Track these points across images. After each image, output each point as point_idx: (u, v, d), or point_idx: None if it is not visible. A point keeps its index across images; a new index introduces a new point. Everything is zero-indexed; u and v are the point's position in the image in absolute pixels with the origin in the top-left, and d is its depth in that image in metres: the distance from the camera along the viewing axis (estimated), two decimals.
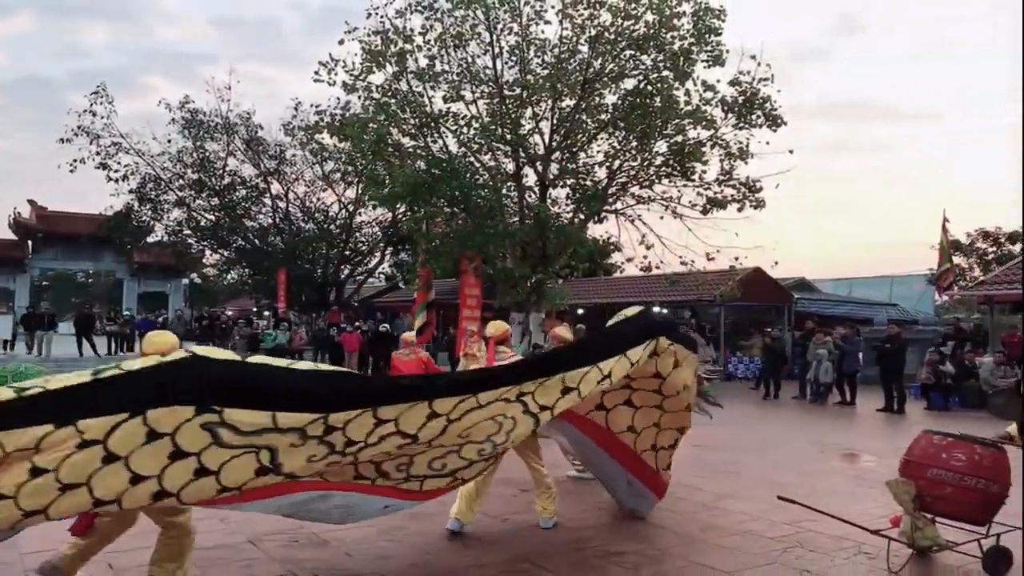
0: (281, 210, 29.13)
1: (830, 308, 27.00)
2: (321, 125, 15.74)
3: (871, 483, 7.41)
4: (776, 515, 6.18)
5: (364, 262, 31.04)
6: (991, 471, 4.99)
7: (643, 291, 24.87)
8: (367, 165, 17.64)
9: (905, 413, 14.41)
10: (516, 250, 16.42)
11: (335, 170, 26.22)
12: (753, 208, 15.48)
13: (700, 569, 5.04)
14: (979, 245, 31.64)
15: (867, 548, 5.38)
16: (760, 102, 14.73)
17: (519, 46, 15.56)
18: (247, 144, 27.44)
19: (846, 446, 10.64)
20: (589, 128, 15.86)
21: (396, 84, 15.42)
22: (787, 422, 13.69)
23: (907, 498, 5.00)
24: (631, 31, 14.59)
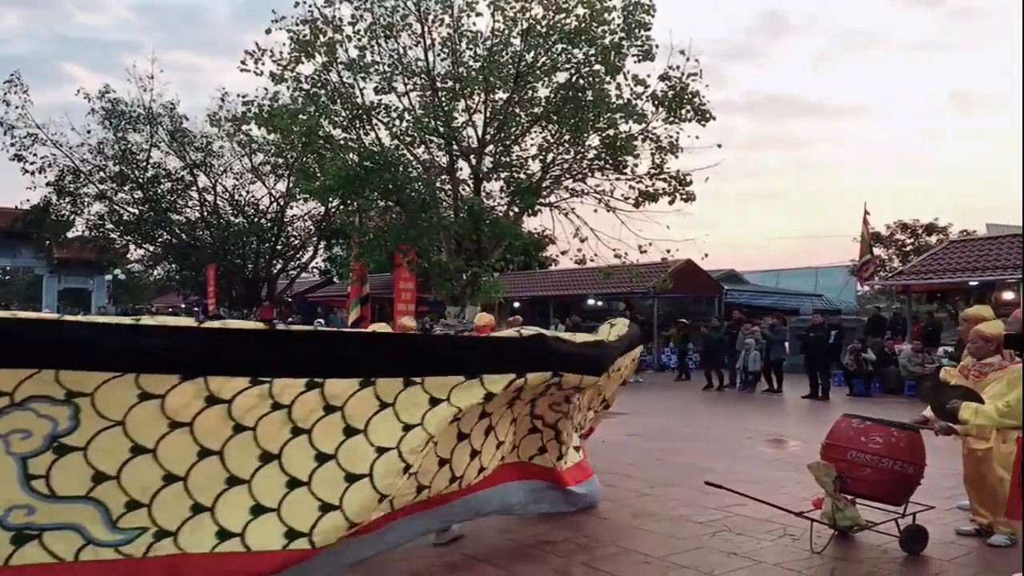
0: (209, 203, 28.40)
1: (758, 299, 27.74)
2: (248, 116, 15.31)
3: (796, 467, 7.63)
4: (706, 500, 6.31)
5: (297, 256, 30.52)
6: (907, 453, 5.20)
7: (578, 284, 25.12)
8: (297, 157, 17.31)
9: (829, 400, 14.91)
10: (451, 243, 16.35)
11: (265, 162, 25.68)
12: (683, 201, 15.73)
13: (631, 555, 5.11)
14: (898, 237, 32.88)
15: (792, 530, 5.54)
16: (689, 97, 14.96)
17: (451, 38, 15.46)
18: (171, 135, 26.64)
19: (773, 432, 10.95)
20: (522, 121, 15.87)
21: (326, 75, 15.14)
22: (717, 410, 14.02)
23: (828, 480, 5.16)
24: (562, 24, 14.64)
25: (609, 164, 15.52)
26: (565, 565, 4.92)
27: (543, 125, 15.77)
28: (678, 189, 15.63)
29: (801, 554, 5.11)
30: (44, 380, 3.19)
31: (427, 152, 16.16)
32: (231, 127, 17.86)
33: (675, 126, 15.32)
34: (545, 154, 16.03)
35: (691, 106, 15.02)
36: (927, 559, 5.05)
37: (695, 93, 14.98)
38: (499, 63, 14.78)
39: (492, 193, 17.08)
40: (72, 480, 3.23)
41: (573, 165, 16.04)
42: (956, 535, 5.55)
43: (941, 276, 17.98)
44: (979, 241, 19.75)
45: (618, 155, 15.25)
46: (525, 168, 16.46)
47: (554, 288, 26.75)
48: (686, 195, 15.67)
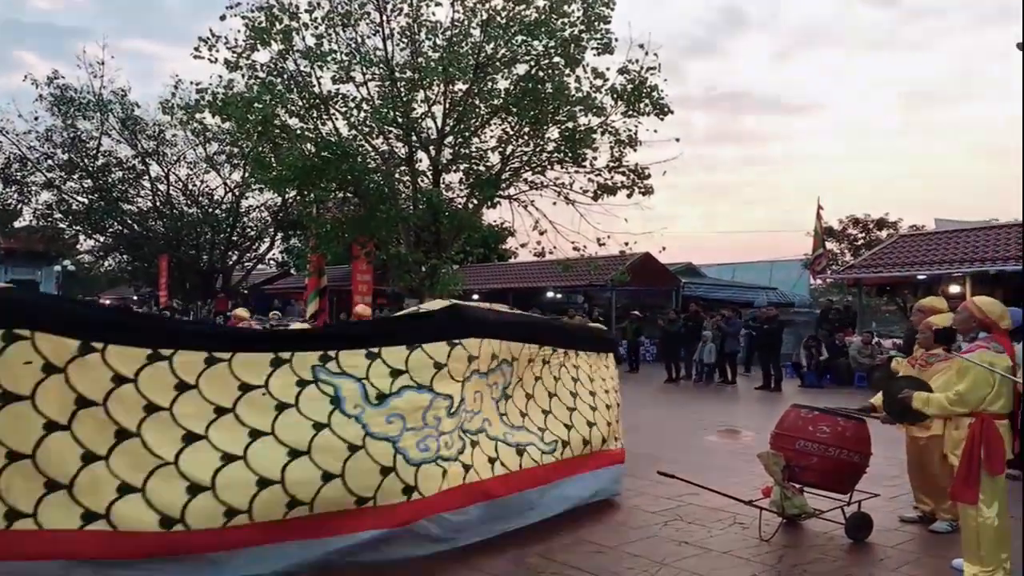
0: (161, 193, 27.83)
1: (715, 292, 28.07)
2: (202, 104, 15.03)
3: (747, 457, 7.74)
4: (659, 490, 6.37)
5: (253, 248, 30.07)
6: (853, 442, 5.31)
7: (537, 276, 25.17)
8: (253, 147, 17.05)
9: (782, 391, 15.16)
10: (409, 235, 16.27)
11: (219, 152, 25.25)
12: (642, 194, 15.88)
13: (585, 545, 5.15)
14: (850, 231, 33.59)
15: (742, 518, 5.63)
16: (648, 91, 15.07)
17: (410, 28, 15.35)
18: (123, 123, 26.02)
19: (726, 423, 11.11)
20: (482, 113, 15.84)
21: (282, 63, 14.94)
22: (671, 402, 14.16)
23: (776, 469, 5.25)
24: (522, 16, 14.63)
25: (568, 157, 15.58)
26: (520, 555, 4.93)
27: (503, 117, 15.75)
28: (636, 182, 15.77)
29: (750, 542, 5.20)
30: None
31: (386, 143, 16.04)
32: (184, 115, 17.52)
33: (634, 120, 15.43)
34: (504, 146, 16.03)
35: (649, 100, 15.14)
36: (871, 545, 5.18)
37: (653, 87, 15.11)
38: (459, 54, 14.72)
39: (451, 185, 17.06)
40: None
41: (532, 157, 16.07)
42: (900, 522, 5.70)
43: (890, 270, 18.40)
44: (927, 236, 20.26)
45: (577, 148, 15.31)
46: (484, 160, 16.45)
47: (513, 281, 26.78)
48: (644, 188, 15.82)
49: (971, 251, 17.13)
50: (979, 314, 4.60)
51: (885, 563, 4.87)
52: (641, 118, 15.42)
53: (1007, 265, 15.77)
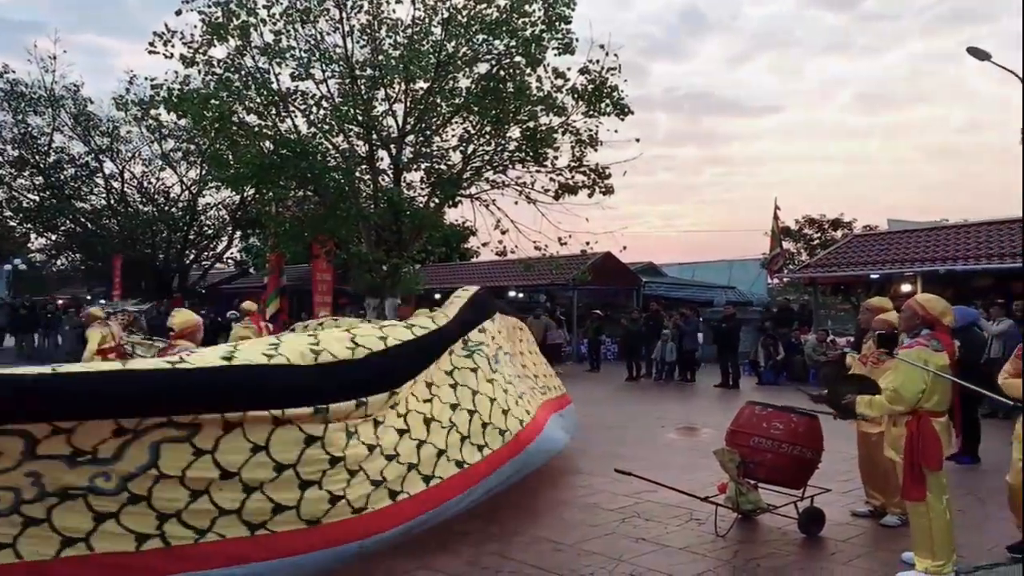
0: (116, 191, 27.23)
1: (675, 291, 28.38)
2: (157, 100, 14.72)
3: (704, 454, 7.84)
4: (617, 488, 6.42)
5: (210, 246, 29.59)
6: (806, 438, 5.41)
7: (499, 276, 25.17)
8: (210, 144, 16.75)
9: (740, 388, 15.38)
10: (370, 234, 16.11)
11: (176, 149, 24.80)
12: (602, 194, 15.93)
13: (543, 543, 5.17)
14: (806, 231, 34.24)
15: (698, 515, 5.70)
16: (608, 91, 15.14)
17: (370, 25, 15.22)
18: (75, 119, 25.41)
19: (685, 420, 11.24)
20: (443, 112, 15.75)
21: (239, 59, 14.69)
22: (631, 400, 14.28)
23: (732, 466, 5.33)
24: (483, 15, 14.59)
25: (530, 156, 15.57)
26: (477, 555, 4.93)
27: (464, 116, 15.69)
28: (597, 182, 15.83)
29: (706, 538, 5.27)
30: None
31: (346, 141, 15.88)
32: (139, 111, 17.15)
33: (594, 119, 15.48)
34: (466, 145, 15.97)
35: (610, 100, 15.20)
36: (824, 540, 5.28)
37: (614, 87, 15.17)
38: (419, 52, 14.62)
39: (412, 184, 16.94)
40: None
41: (494, 157, 16.04)
42: (851, 516, 5.82)
43: (844, 269, 18.77)
44: (880, 236, 20.72)
45: (538, 147, 15.32)
46: (446, 159, 16.38)
47: (475, 280, 26.68)
48: (605, 188, 15.89)
49: (922, 251, 17.56)
50: (922, 311, 4.71)
51: (837, 556, 4.97)
52: (602, 118, 15.47)
53: (956, 265, 16.19)
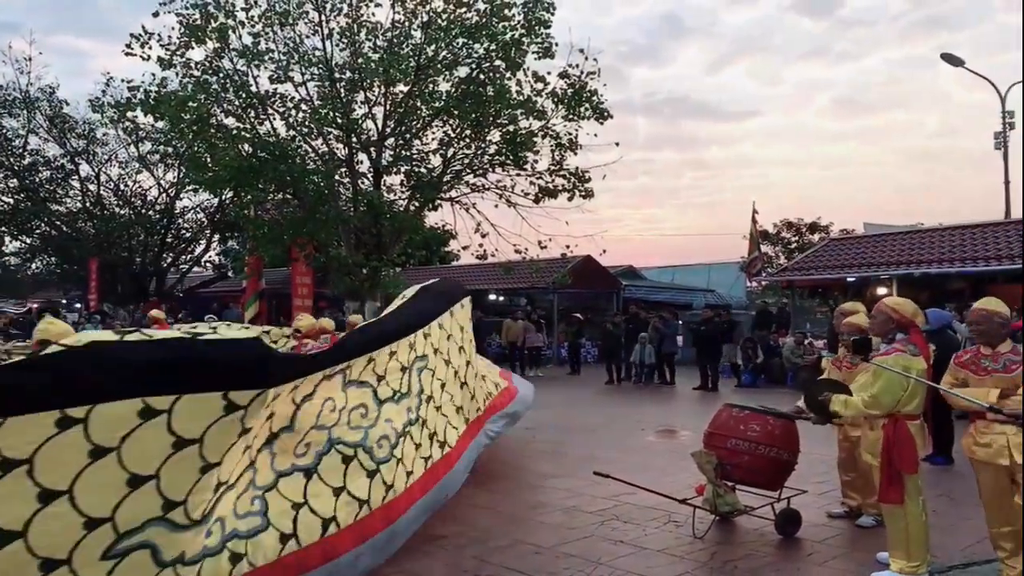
0: (92, 194, 26.91)
1: (655, 294, 28.47)
2: (134, 102, 14.61)
3: (682, 456, 7.88)
4: (597, 491, 6.44)
5: (188, 250, 29.30)
6: (782, 440, 5.45)
7: (479, 279, 25.13)
8: (188, 146, 16.64)
9: (719, 391, 15.46)
10: (350, 237, 16.08)
11: (153, 151, 24.53)
12: (583, 198, 16.01)
13: (522, 546, 5.17)
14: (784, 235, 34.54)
15: (676, 517, 5.73)
16: (588, 95, 15.22)
17: (350, 28, 15.20)
18: (51, 121, 25.10)
19: (663, 423, 11.28)
20: (423, 115, 15.76)
21: (218, 61, 14.63)
22: (611, 403, 14.30)
23: (709, 468, 5.36)
24: (463, 19, 14.64)
25: (510, 160, 15.62)
26: (456, 559, 4.93)
27: (444, 119, 15.71)
28: (577, 186, 15.90)
29: (684, 540, 5.29)
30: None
31: (325, 144, 15.84)
32: (115, 113, 16.99)
33: (574, 123, 15.56)
34: (446, 148, 15.99)
35: (589, 104, 15.28)
36: (800, 541, 5.32)
37: (593, 91, 15.25)
38: (399, 55, 14.63)
39: (393, 187, 16.92)
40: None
41: (474, 160, 16.06)
42: (828, 517, 5.87)
43: (822, 272, 18.94)
44: (857, 239, 20.93)
45: (518, 151, 15.37)
46: (426, 162, 16.38)
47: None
48: (585, 191, 15.96)
49: (897, 254, 17.76)
50: (895, 315, 4.76)
51: (813, 557, 5.01)
52: (581, 122, 15.56)
53: (931, 268, 16.40)
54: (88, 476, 2.98)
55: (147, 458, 3.15)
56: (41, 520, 2.87)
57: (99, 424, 3.01)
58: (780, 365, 16.59)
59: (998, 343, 4.33)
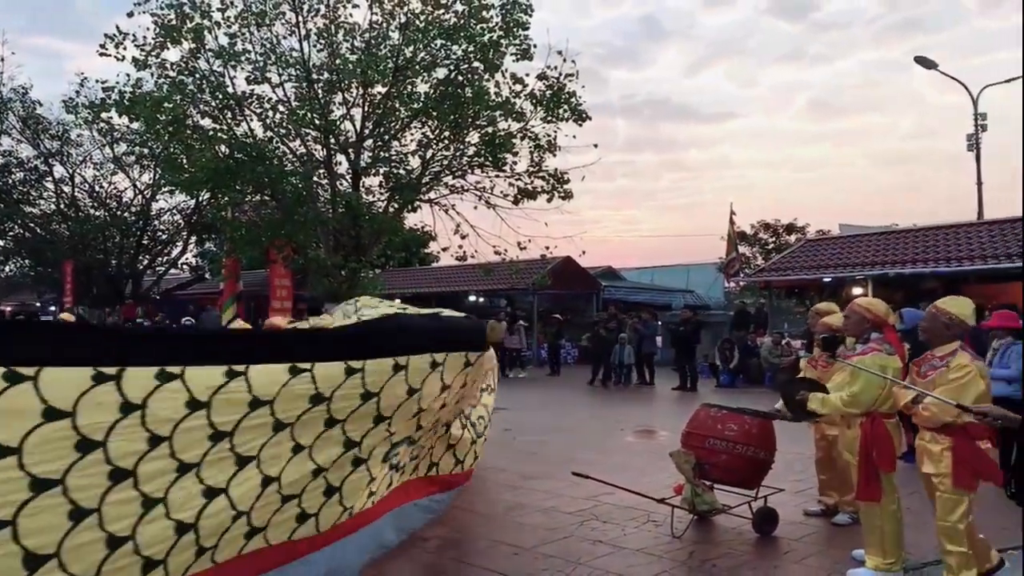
0: (66, 195, 26.59)
1: (634, 295, 28.63)
2: (108, 103, 14.43)
3: (661, 456, 7.92)
4: (576, 491, 6.46)
5: (165, 252, 29.03)
6: (759, 439, 5.50)
7: (459, 280, 25.15)
8: (164, 148, 16.47)
9: (697, 391, 15.57)
10: (328, 239, 15.97)
11: (128, 152, 24.27)
12: (562, 199, 15.99)
13: (501, 547, 5.17)
14: (761, 236, 34.82)
15: (655, 516, 5.76)
16: (566, 97, 15.22)
17: (327, 29, 15.11)
18: (24, 122, 24.78)
19: (643, 423, 11.33)
20: (402, 116, 15.70)
21: (193, 62, 14.47)
22: (590, 403, 14.36)
23: (687, 467, 5.40)
24: (441, 20, 14.60)
25: (488, 161, 15.57)
26: (436, 560, 4.92)
27: (423, 121, 15.65)
28: (556, 187, 15.89)
29: (663, 539, 5.32)
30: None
31: (303, 145, 15.73)
32: (89, 114, 16.77)
33: (553, 125, 15.55)
34: (425, 150, 15.93)
35: (568, 106, 15.28)
36: (777, 539, 5.37)
37: (572, 93, 15.26)
38: (377, 56, 14.56)
39: (371, 188, 16.82)
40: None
41: (453, 162, 16.01)
42: (804, 515, 5.93)
43: (798, 273, 19.12)
44: (832, 240, 21.15)
45: (497, 152, 15.33)
46: (404, 164, 16.30)
47: (436, 285, 26.67)
48: (564, 193, 15.95)
49: (872, 255, 17.97)
50: (868, 315, 4.82)
51: (790, 555, 5.06)
52: (560, 124, 15.56)
53: (905, 268, 16.60)
54: (404, 407, 4.25)
55: (432, 395, 4.44)
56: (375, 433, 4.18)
57: (412, 371, 4.21)
58: (758, 365, 16.72)
59: (939, 344, 4.23)
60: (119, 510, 2.99)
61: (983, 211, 23.68)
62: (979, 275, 15.68)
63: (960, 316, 4.21)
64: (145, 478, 3.08)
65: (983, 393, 4.00)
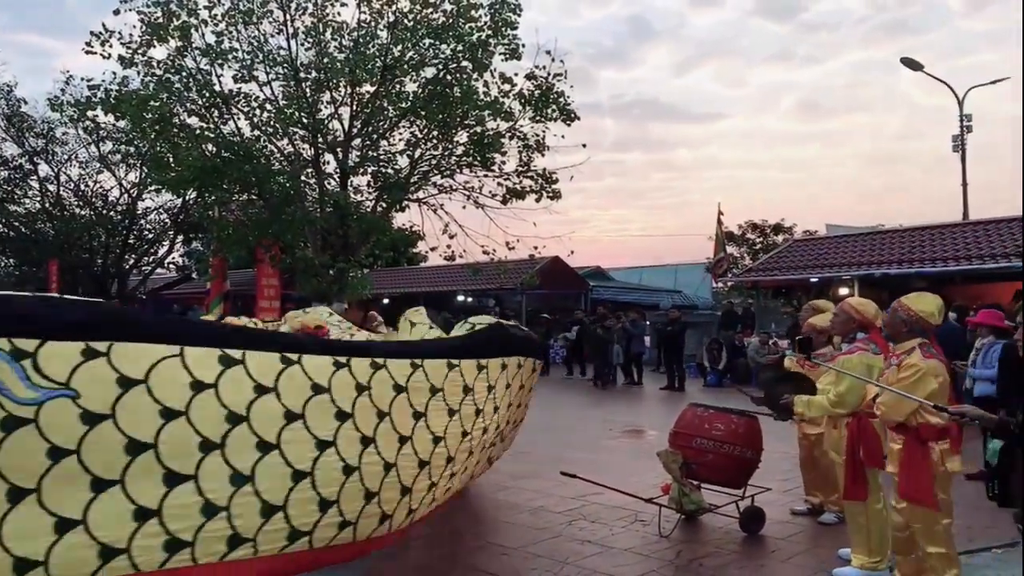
0: (51, 194, 26.37)
1: (623, 295, 28.70)
2: (94, 101, 14.35)
3: (649, 455, 7.94)
4: (564, 491, 6.46)
5: (151, 251, 28.84)
6: (746, 438, 5.53)
7: (447, 280, 25.15)
8: (150, 146, 16.38)
9: (685, 390, 15.61)
10: (316, 238, 15.93)
11: (114, 151, 24.11)
12: (550, 199, 16.02)
13: (491, 547, 5.18)
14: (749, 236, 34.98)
15: (642, 516, 5.77)
16: (555, 96, 15.25)
17: (315, 27, 15.07)
18: (8, 120, 24.57)
19: (631, 423, 11.36)
20: (390, 115, 15.68)
21: (180, 60, 14.40)
22: (579, 403, 14.38)
23: (675, 467, 5.41)
24: (429, 19, 14.59)
25: (477, 161, 15.58)
26: (424, 560, 4.92)
27: (411, 120, 15.64)
28: (545, 187, 15.91)
29: (650, 538, 5.34)
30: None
31: (291, 144, 15.68)
32: (75, 112, 16.66)
33: (541, 125, 15.58)
34: (413, 149, 15.92)
35: (556, 105, 15.31)
36: (764, 538, 5.40)
37: (560, 93, 15.29)
38: (365, 55, 14.54)
39: (359, 188, 16.79)
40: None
41: (441, 161, 16.01)
42: (791, 514, 5.96)
43: (785, 273, 19.22)
44: (819, 240, 21.27)
45: (486, 152, 15.34)
46: (393, 163, 16.28)
47: (424, 285, 26.66)
48: (552, 193, 15.98)
49: (859, 255, 18.08)
50: (857, 315, 4.86)
51: (776, 554, 5.08)
52: (548, 123, 15.59)
53: (891, 268, 16.72)
54: (493, 400, 4.81)
55: (501, 391, 4.93)
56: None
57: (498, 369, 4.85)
58: (745, 365, 16.78)
59: (900, 340, 4.19)
60: (327, 475, 3.48)
61: (968, 212, 23.90)
62: (965, 275, 15.81)
63: (922, 313, 4.12)
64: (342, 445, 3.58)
65: (934, 392, 3.92)
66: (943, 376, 4.01)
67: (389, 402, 3.83)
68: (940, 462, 3.98)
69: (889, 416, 4.08)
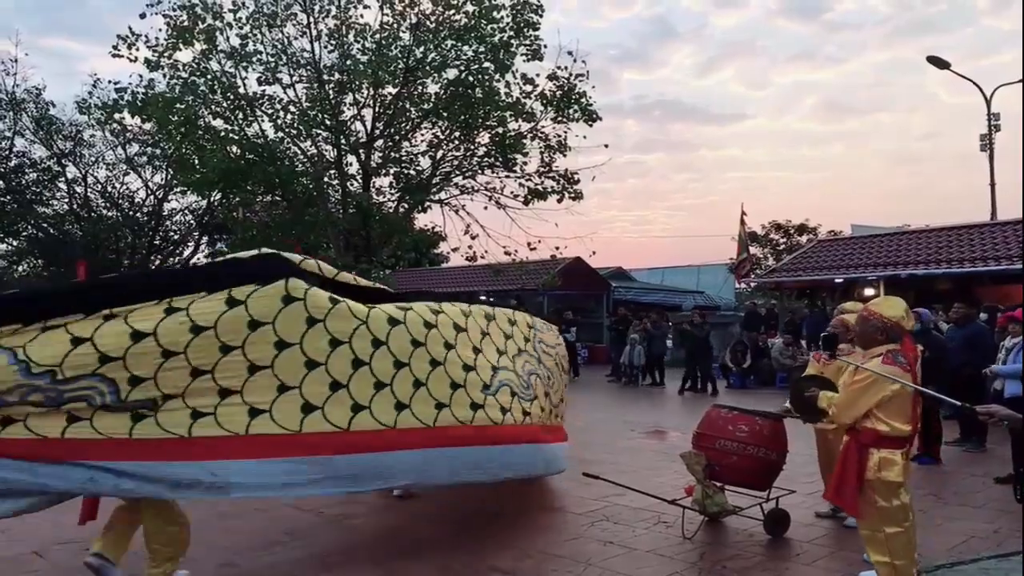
0: (79, 196, 26.80)
1: (644, 296, 28.52)
2: (121, 104, 14.56)
3: (672, 457, 7.90)
4: (586, 492, 6.44)
5: (177, 252, 29.20)
6: (770, 440, 5.46)
7: (469, 281, 25.13)
8: (175, 148, 16.59)
9: (708, 392, 15.50)
10: (339, 239, 16.05)
11: (140, 153, 24.45)
12: (572, 199, 16.04)
13: (512, 549, 5.16)
14: (772, 236, 34.65)
15: (666, 517, 5.74)
16: (577, 97, 15.25)
17: (338, 30, 15.18)
18: (37, 123, 24.98)
19: (653, 424, 11.30)
20: (412, 117, 15.78)
21: (205, 63, 14.58)
22: (601, 403, 14.32)
23: (698, 468, 5.37)
24: (452, 21, 14.66)
25: (498, 162, 15.64)
26: (445, 561, 4.91)
27: (433, 121, 15.72)
28: (566, 187, 15.92)
29: (674, 540, 5.30)
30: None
31: (314, 146, 15.81)
32: (102, 115, 16.91)
33: (563, 125, 15.59)
34: (435, 150, 16.00)
35: (578, 106, 15.31)
36: (789, 541, 5.34)
37: (582, 94, 15.29)
38: (388, 57, 14.63)
39: (382, 189, 16.90)
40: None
41: (463, 162, 16.07)
42: (815, 517, 5.89)
43: (810, 273, 19.02)
44: (844, 241, 21.03)
45: (507, 153, 15.39)
46: (415, 164, 16.37)
47: (445, 285, 26.65)
48: (574, 193, 15.98)
49: (884, 256, 17.85)
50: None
51: (801, 557, 5.03)
52: (570, 124, 15.59)
53: (918, 269, 16.48)
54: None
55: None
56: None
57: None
58: (769, 366, 16.63)
59: (870, 346, 4.10)
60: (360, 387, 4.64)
61: (996, 212, 23.51)
62: (992, 276, 15.54)
63: (890, 318, 4.03)
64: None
65: (885, 399, 3.91)
66: (899, 384, 3.94)
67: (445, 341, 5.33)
68: (877, 468, 3.93)
69: (840, 418, 4.09)
